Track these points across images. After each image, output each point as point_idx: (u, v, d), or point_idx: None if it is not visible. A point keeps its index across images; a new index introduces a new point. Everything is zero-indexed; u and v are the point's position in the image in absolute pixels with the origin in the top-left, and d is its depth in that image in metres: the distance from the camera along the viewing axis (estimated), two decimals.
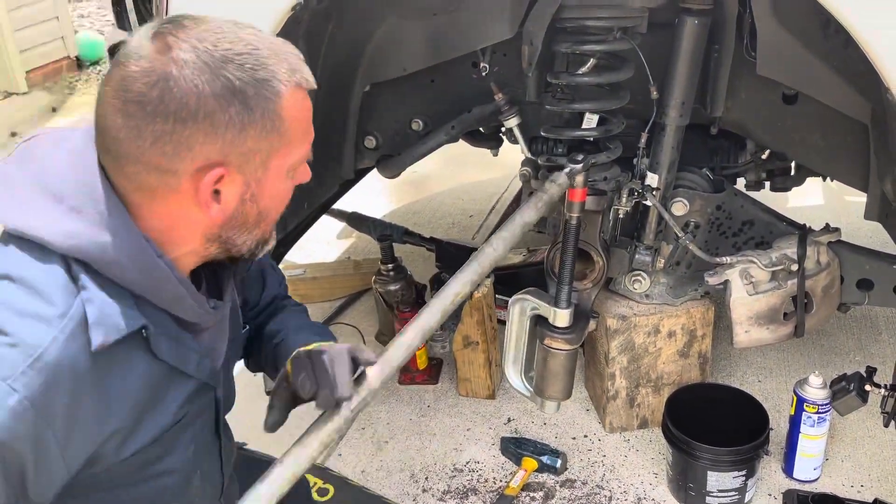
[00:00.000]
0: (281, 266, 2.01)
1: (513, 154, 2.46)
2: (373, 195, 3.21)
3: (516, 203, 2.41)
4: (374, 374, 1.06)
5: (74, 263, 0.86)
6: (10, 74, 4.60)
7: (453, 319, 1.93)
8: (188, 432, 1.01)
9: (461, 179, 3.50)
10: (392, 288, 2.31)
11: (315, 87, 0.93)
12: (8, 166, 0.92)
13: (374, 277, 2.37)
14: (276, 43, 0.90)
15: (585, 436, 2.02)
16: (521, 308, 1.70)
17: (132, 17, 1.51)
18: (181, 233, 0.93)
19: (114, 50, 1.64)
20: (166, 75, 0.83)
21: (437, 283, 2.38)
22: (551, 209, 1.54)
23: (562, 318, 1.66)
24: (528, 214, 1.46)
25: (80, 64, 5.06)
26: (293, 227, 1.91)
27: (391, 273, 2.32)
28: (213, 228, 0.93)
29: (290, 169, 0.95)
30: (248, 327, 1.22)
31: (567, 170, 1.53)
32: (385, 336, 2.41)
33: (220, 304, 1.02)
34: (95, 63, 5.12)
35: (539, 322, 1.71)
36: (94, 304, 0.85)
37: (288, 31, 1.41)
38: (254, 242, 0.99)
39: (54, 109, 4.57)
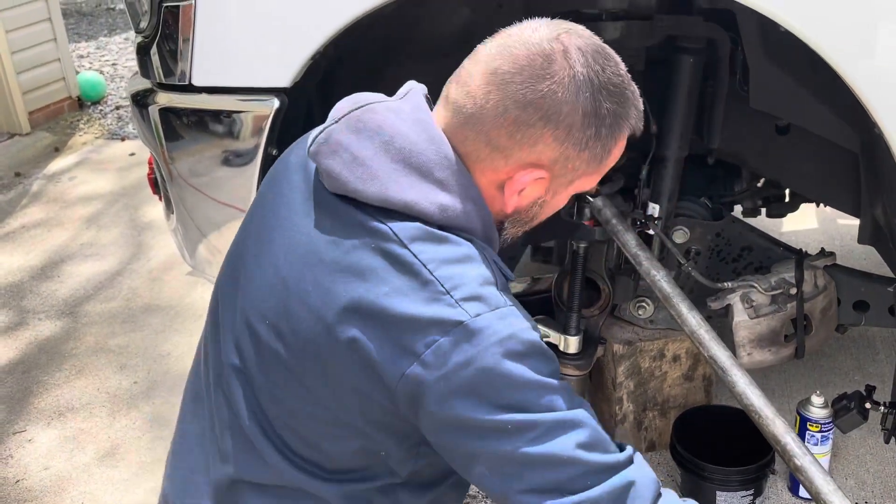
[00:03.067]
0: None
1: None
2: None
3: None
4: None
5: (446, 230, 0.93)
6: (13, 116, 4.67)
7: None
8: None
9: None
10: None
11: (639, 132, 1.00)
12: (346, 135, 0.93)
13: None
14: (635, 86, 0.97)
15: None
16: None
17: (156, 62, 1.57)
18: (496, 196, 0.98)
19: (137, 97, 1.72)
20: (558, 79, 0.89)
21: None
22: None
23: (572, 344, 1.72)
24: (632, 240, 1.59)
25: (81, 104, 5.14)
26: None
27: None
28: (499, 214, 0.99)
29: (577, 192, 1.02)
30: None
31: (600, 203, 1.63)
32: None
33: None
34: (96, 103, 5.20)
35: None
36: (486, 250, 0.94)
37: (306, 79, 1.48)
38: (512, 236, 1.04)
39: (56, 149, 4.62)
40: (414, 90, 1.01)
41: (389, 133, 0.92)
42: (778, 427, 1.35)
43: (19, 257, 3.37)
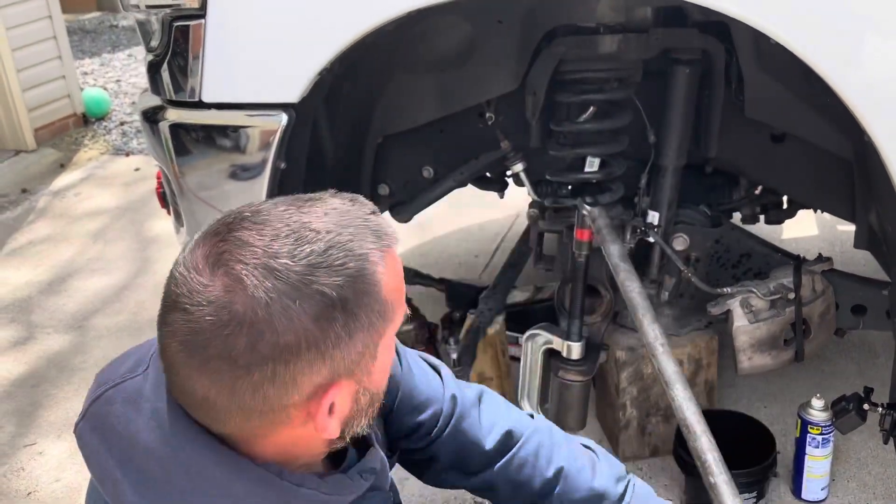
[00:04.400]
0: None
1: (511, 195, 2.58)
2: None
3: (523, 242, 2.51)
4: None
5: None
6: (18, 133, 4.72)
7: (469, 357, 2.01)
8: None
9: (464, 221, 3.60)
10: (406, 328, 2.39)
11: (397, 240, 0.80)
12: (92, 439, 0.79)
13: None
14: (345, 210, 0.77)
15: None
16: (535, 343, 1.79)
17: (167, 79, 1.61)
18: (301, 451, 0.81)
19: (148, 113, 1.76)
20: (249, 320, 0.69)
21: (449, 322, 2.46)
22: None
23: (575, 350, 1.75)
24: (616, 251, 1.62)
25: (86, 120, 5.19)
26: None
27: (406, 314, 2.40)
28: (333, 435, 0.79)
29: (393, 337, 0.82)
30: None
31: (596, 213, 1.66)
32: None
33: (365, 471, 0.89)
34: (101, 119, 5.25)
35: (552, 356, 1.80)
36: None
37: (313, 94, 1.53)
38: (368, 421, 0.84)
39: (62, 165, 4.67)
40: (156, 348, 0.80)
41: (125, 442, 0.78)
42: (703, 443, 1.41)
43: (27, 272, 3.41)
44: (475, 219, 3.58)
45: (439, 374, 1.08)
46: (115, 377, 0.82)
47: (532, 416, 1.12)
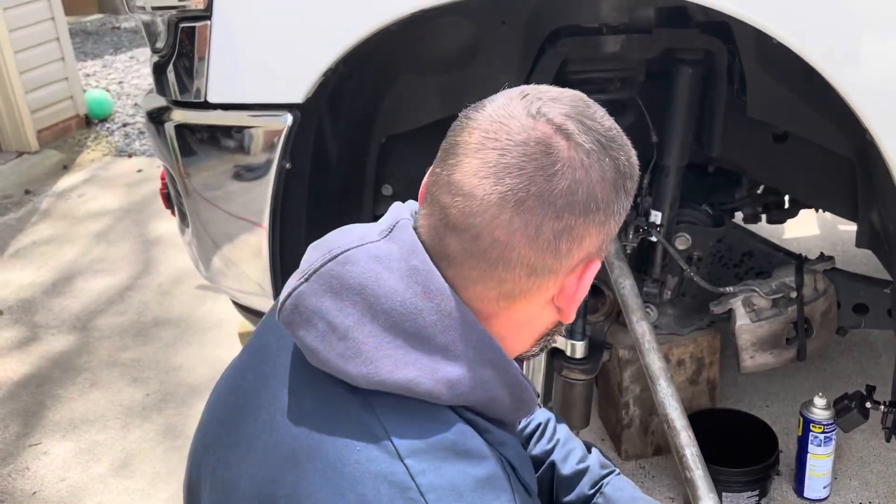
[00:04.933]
0: None
1: None
2: None
3: None
4: None
5: (462, 410, 0.73)
6: (22, 134, 4.74)
7: None
8: None
9: None
10: None
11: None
12: (320, 298, 0.73)
13: None
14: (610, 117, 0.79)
15: None
16: None
17: (172, 80, 1.62)
18: (521, 337, 0.78)
19: (153, 114, 1.77)
20: (575, 163, 0.70)
21: None
22: None
23: (578, 349, 1.76)
24: (613, 248, 1.63)
25: (88, 121, 5.21)
26: None
27: None
28: (553, 325, 0.80)
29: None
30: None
31: None
32: None
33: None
34: (104, 120, 5.27)
35: (555, 355, 1.80)
36: (507, 447, 0.74)
37: (318, 95, 1.54)
38: (550, 341, 0.84)
39: (65, 167, 4.69)
40: (402, 223, 0.76)
41: (374, 292, 0.71)
42: (682, 439, 1.42)
43: (30, 273, 3.42)
44: None
45: None
46: (348, 242, 0.76)
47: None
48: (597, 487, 1.04)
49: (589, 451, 1.09)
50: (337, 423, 0.71)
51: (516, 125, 0.71)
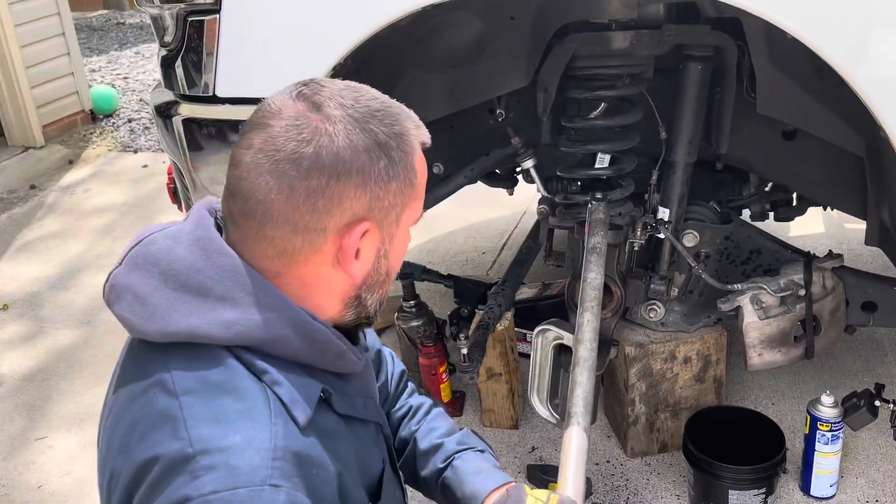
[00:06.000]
0: None
1: (517, 192, 2.59)
2: None
3: (531, 238, 2.51)
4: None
5: (241, 351, 0.84)
6: (27, 129, 4.74)
7: (480, 352, 2.02)
8: (389, 476, 1.03)
9: (471, 218, 3.61)
10: (415, 324, 2.40)
11: (428, 143, 0.94)
12: (127, 276, 0.87)
13: (396, 315, 2.46)
14: (398, 103, 0.92)
15: (608, 461, 2.09)
16: (545, 338, 1.80)
17: (180, 74, 1.62)
18: (320, 299, 0.90)
19: (161, 108, 1.77)
20: (321, 131, 0.83)
21: (457, 318, 2.46)
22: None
23: None
24: (597, 238, 1.60)
25: (94, 117, 5.21)
26: None
27: (413, 310, 2.41)
28: (351, 290, 0.92)
29: (412, 224, 0.95)
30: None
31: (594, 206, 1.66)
32: (408, 371, 2.48)
33: (363, 350, 1.01)
34: (109, 116, 5.27)
35: (562, 351, 1.80)
36: (281, 385, 0.84)
37: None
38: (377, 303, 0.96)
39: (71, 162, 4.69)
40: (196, 206, 0.93)
41: (166, 261, 0.86)
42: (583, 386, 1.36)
43: (36, 268, 3.43)
44: (482, 216, 3.59)
45: None
46: (153, 229, 0.92)
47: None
48: (448, 461, 1.17)
49: (489, 446, 1.23)
50: (142, 379, 0.86)
51: (281, 104, 0.86)
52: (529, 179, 2.09)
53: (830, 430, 1.84)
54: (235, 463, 0.78)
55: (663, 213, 1.86)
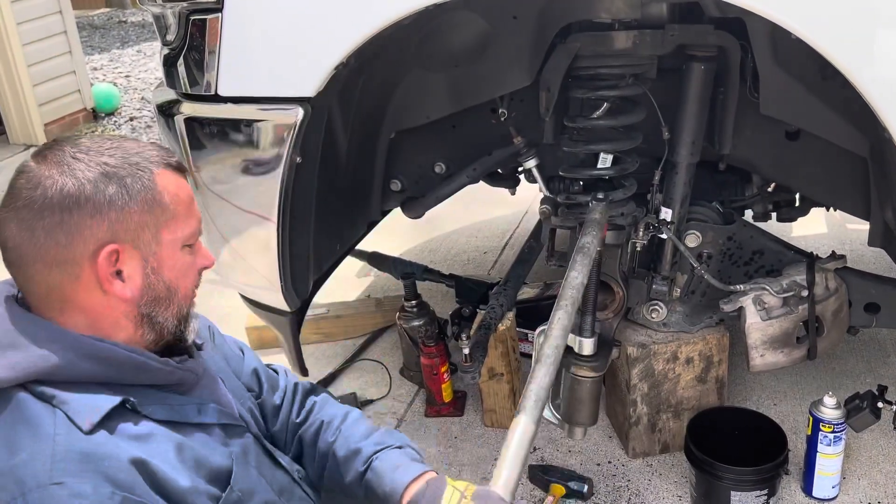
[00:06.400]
0: None
1: (519, 192, 2.58)
2: (388, 235, 3.32)
3: (534, 238, 2.51)
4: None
5: (33, 385, 0.95)
6: (29, 127, 4.75)
7: (482, 352, 2.02)
8: (250, 472, 1.11)
9: (473, 218, 3.61)
10: (416, 323, 2.40)
11: (185, 169, 1.05)
12: None
13: (398, 314, 2.45)
14: (138, 141, 1.04)
15: (609, 462, 2.09)
16: None
17: (182, 73, 1.62)
18: (107, 323, 1.00)
19: (163, 107, 1.76)
20: (45, 176, 0.96)
21: (458, 317, 2.46)
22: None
23: (587, 346, 1.75)
24: (589, 238, 1.58)
25: (95, 115, 5.21)
26: (327, 267, 2.00)
27: (415, 309, 2.41)
28: (131, 309, 1.01)
29: (184, 243, 1.04)
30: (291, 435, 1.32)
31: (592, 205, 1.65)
32: (410, 371, 2.48)
33: (184, 358, 1.08)
34: (111, 114, 5.27)
35: (564, 352, 1.79)
36: (66, 403, 0.94)
37: (328, 88, 1.53)
38: (175, 319, 1.05)
39: None
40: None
41: None
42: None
43: None
44: (484, 215, 3.58)
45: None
46: None
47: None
48: (367, 463, 1.23)
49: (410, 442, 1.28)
50: None
51: (23, 167, 0.99)
52: (531, 179, 2.09)
53: (833, 432, 1.84)
54: (21, 475, 0.89)
55: (666, 214, 1.86)
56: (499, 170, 2.32)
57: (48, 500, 0.88)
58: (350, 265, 3.00)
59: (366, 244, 2.77)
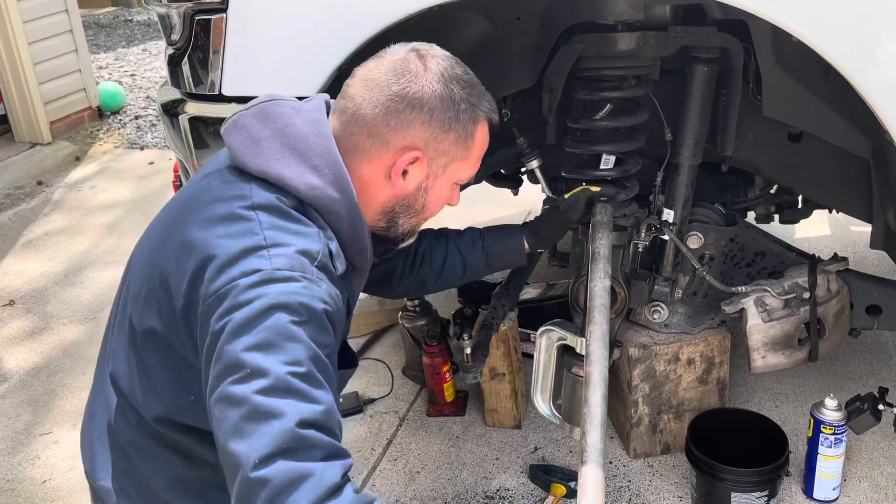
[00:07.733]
0: None
1: (521, 192, 2.59)
2: None
3: None
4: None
5: (310, 208, 1.11)
6: (34, 126, 4.76)
7: (483, 352, 2.02)
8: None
9: (475, 218, 3.60)
10: (419, 323, 2.40)
11: (497, 125, 1.23)
12: (250, 120, 1.15)
13: (400, 314, 2.46)
14: (482, 86, 1.21)
15: (611, 462, 2.10)
16: (549, 338, 1.80)
17: (187, 73, 1.63)
18: (368, 197, 1.18)
19: (167, 106, 1.77)
20: (417, 73, 1.13)
21: (461, 317, 2.47)
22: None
23: None
24: (604, 246, 1.61)
25: (101, 114, 5.23)
26: None
27: (417, 309, 2.42)
28: (390, 201, 1.20)
29: (457, 181, 1.23)
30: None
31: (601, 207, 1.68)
32: (412, 370, 2.49)
33: (375, 261, 1.28)
34: (116, 112, 5.29)
35: (566, 352, 1.80)
36: (333, 241, 1.12)
37: (331, 88, 1.53)
38: (409, 228, 1.25)
39: (77, 158, 4.71)
40: (318, 97, 1.22)
41: (284, 123, 1.13)
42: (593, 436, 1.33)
43: (42, 264, 3.44)
44: (486, 216, 3.58)
45: None
46: (283, 96, 1.20)
47: None
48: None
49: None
50: (227, 190, 1.12)
51: (396, 52, 1.18)
52: (534, 180, 2.09)
53: (834, 434, 1.84)
54: (297, 255, 1.03)
55: (668, 215, 1.86)
56: (502, 170, 2.33)
57: (314, 287, 1.03)
58: None
59: None
